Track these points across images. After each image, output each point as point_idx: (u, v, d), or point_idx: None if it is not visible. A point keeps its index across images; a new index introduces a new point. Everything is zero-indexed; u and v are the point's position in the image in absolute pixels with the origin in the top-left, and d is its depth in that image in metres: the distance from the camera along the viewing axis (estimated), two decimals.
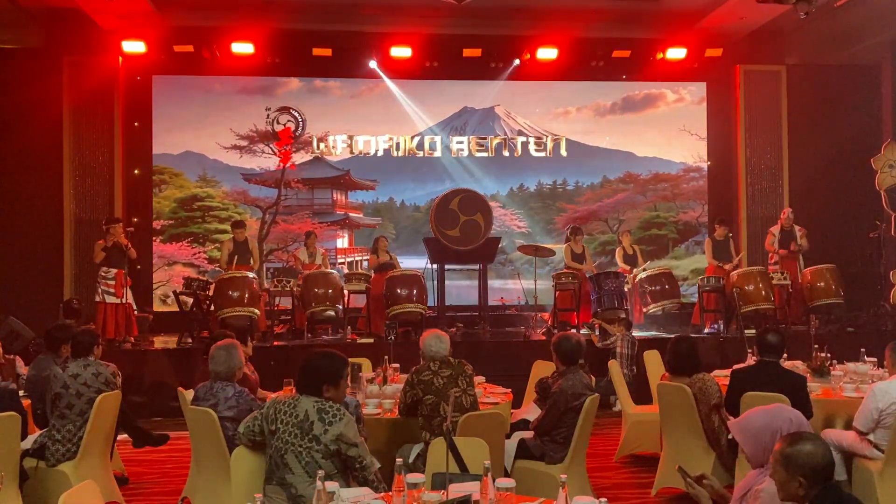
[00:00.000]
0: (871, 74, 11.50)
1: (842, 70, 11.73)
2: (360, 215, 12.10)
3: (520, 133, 12.28)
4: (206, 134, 11.64)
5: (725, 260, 10.15)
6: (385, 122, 11.86)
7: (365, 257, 11.63)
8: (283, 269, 11.32)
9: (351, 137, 11.88)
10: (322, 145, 11.81)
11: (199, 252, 11.65)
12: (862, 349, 6.33)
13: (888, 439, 4.57)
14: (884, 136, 11.14)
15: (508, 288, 11.72)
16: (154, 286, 11.28)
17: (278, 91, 11.80)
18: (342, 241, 12.07)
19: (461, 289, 11.19)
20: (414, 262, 10.54)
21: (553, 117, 12.32)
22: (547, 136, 12.29)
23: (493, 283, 11.51)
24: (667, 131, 12.36)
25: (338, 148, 11.87)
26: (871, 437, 4.71)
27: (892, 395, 4.58)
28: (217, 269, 10.70)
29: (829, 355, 6.10)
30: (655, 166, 12.42)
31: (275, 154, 11.72)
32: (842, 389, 5.46)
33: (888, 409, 4.57)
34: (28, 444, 5.05)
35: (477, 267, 10.30)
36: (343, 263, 11.67)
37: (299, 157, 11.76)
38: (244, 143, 11.75)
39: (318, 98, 11.89)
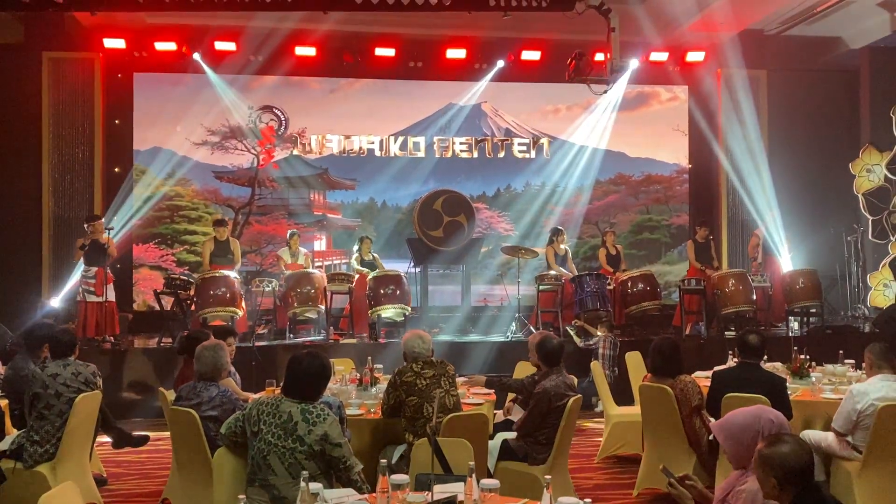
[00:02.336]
0: (850, 80, 11.64)
1: (821, 75, 11.86)
2: (339, 216, 11.69)
3: (507, 131, 12.03)
4: (175, 129, 11.14)
5: (707, 262, 10.22)
6: (367, 119, 11.55)
7: (344, 261, 11.29)
8: (256, 272, 10.81)
9: (346, 136, 11.52)
10: (310, 144, 11.53)
11: (167, 254, 11.13)
12: (840, 351, 6.40)
13: (866, 441, 4.64)
14: (862, 141, 11.29)
15: (495, 294, 11.41)
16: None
17: (252, 85, 11.34)
18: (319, 244, 11.61)
19: (445, 294, 11.01)
20: (395, 265, 10.24)
21: (542, 115, 12.05)
22: (535, 136, 12.02)
23: (480, 288, 11.33)
24: (660, 131, 12.14)
25: (318, 145, 11.53)
26: (849, 438, 4.76)
27: (870, 397, 4.63)
28: (186, 272, 10.49)
29: (808, 357, 6.17)
30: (648, 167, 12.19)
31: (248, 151, 11.35)
32: (821, 391, 5.52)
33: (866, 410, 4.62)
34: (5, 445, 5.00)
35: (460, 269, 10.30)
36: (321, 267, 11.08)
37: (274, 154, 11.41)
38: (216, 138, 11.31)
39: (297, 94, 11.50)
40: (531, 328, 9.71)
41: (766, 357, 5.84)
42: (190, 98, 11.18)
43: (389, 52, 10.82)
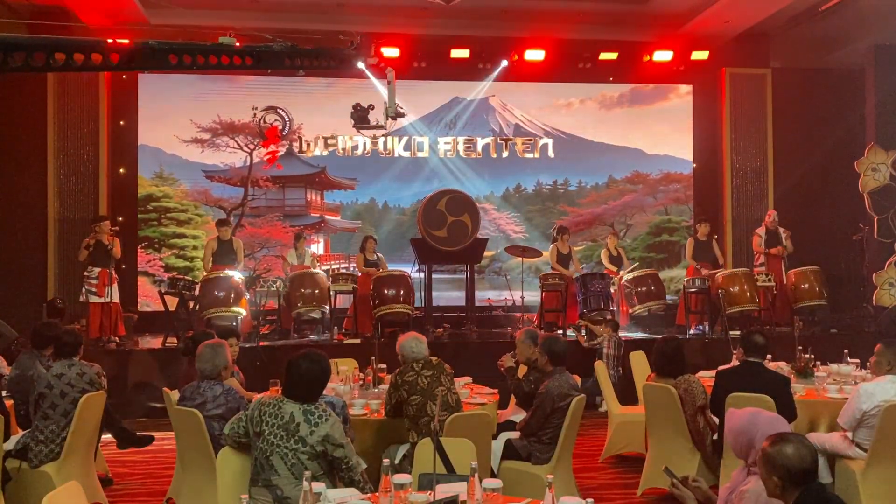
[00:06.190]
0: (855, 78, 11.60)
1: (826, 74, 11.84)
2: (338, 218, 11.35)
3: (517, 127, 11.67)
4: (162, 125, 10.73)
5: (706, 260, 10.17)
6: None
7: (343, 264, 11.08)
8: (251, 278, 10.00)
9: (346, 135, 11.10)
10: (309, 142, 11.31)
11: (155, 259, 10.75)
12: (845, 350, 6.40)
13: (871, 438, 4.62)
14: (867, 140, 11.25)
15: (499, 294, 11.22)
16: None
17: (243, 80, 10.91)
18: (317, 247, 11.18)
19: (449, 294, 10.83)
20: (397, 267, 10.10)
21: (553, 110, 11.63)
22: (546, 132, 11.66)
23: (488, 294, 11.12)
24: (679, 127, 11.77)
25: (316, 144, 11.23)
26: (851, 435, 4.75)
27: (877, 398, 4.62)
28: (175, 276, 10.38)
29: (812, 356, 6.16)
30: (666, 165, 11.80)
31: (242, 148, 11.01)
32: (825, 390, 5.51)
33: (872, 411, 4.62)
34: (11, 444, 5.01)
35: (464, 270, 10.28)
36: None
37: (279, 155, 11.02)
38: (206, 135, 10.90)
39: (296, 90, 11.05)
40: (537, 329, 9.70)
41: (770, 356, 5.82)
42: (193, 97, 11.05)
43: (394, 51, 10.81)
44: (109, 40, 5.37)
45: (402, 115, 7.63)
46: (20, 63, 4.76)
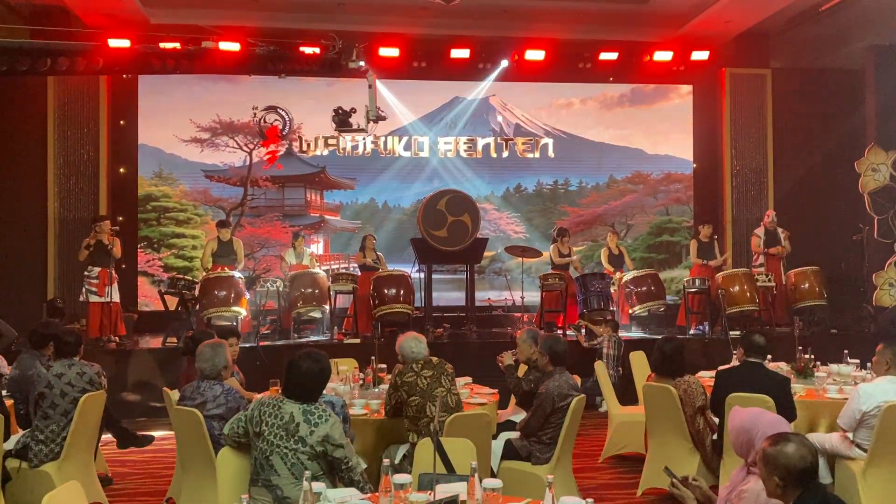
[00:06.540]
0: (855, 78, 11.61)
1: (826, 74, 11.85)
2: (338, 218, 11.37)
3: (517, 127, 11.68)
4: (162, 125, 10.74)
5: (710, 259, 10.18)
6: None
7: (343, 264, 11.09)
8: (250, 278, 9.96)
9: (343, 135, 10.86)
10: (308, 142, 11.30)
11: (154, 259, 10.77)
12: (845, 351, 6.39)
13: (871, 439, 4.62)
14: (867, 140, 11.25)
15: (499, 294, 11.22)
16: None
17: (243, 80, 10.84)
18: (317, 247, 11.20)
19: (449, 294, 10.85)
20: (398, 267, 10.16)
21: (554, 110, 11.66)
22: (547, 131, 11.65)
23: (488, 294, 11.13)
24: (679, 127, 11.78)
25: (317, 145, 11.20)
26: (852, 436, 4.75)
27: (876, 399, 4.61)
28: (175, 276, 10.37)
29: (812, 357, 6.16)
30: (667, 165, 11.81)
31: (241, 148, 11.01)
32: (825, 391, 5.50)
33: (871, 411, 4.61)
34: (11, 444, 5.01)
35: (464, 270, 10.28)
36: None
37: (279, 155, 11.00)
38: (206, 135, 10.91)
39: (295, 90, 11.01)
40: (537, 329, 9.69)
41: (770, 356, 5.82)
42: (193, 97, 11.04)
43: (393, 51, 10.80)
44: (94, 44, 5.40)
45: (384, 119, 7.76)
46: (5, 67, 4.78)
